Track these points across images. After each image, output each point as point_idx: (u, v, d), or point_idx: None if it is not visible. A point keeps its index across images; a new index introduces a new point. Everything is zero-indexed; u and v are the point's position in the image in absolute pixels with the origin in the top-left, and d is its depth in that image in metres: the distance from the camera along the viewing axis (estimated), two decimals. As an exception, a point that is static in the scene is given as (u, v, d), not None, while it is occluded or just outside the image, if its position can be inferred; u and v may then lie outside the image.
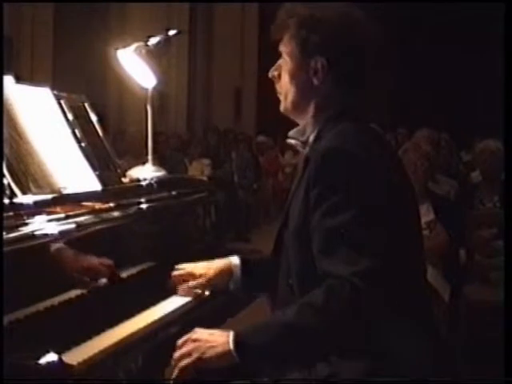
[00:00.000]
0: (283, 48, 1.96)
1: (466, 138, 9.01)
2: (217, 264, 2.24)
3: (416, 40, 14.78)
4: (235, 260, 2.22)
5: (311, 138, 1.92)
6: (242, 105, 14.85)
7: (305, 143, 1.95)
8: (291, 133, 1.99)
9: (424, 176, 4.32)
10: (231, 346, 1.69)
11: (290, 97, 1.94)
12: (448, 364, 1.84)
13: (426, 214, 4.19)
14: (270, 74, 2.01)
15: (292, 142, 1.99)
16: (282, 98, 1.98)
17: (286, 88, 1.95)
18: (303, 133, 1.96)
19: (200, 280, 2.22)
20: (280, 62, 1.98)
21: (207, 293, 2.26)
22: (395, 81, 14.81)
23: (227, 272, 2.20)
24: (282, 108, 1.99)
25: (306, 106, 1.93)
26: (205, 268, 2.24)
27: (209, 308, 2.26)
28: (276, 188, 11.06)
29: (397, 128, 10.57)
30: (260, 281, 2.17)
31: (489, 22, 12.36)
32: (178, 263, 2.29)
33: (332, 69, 1.88)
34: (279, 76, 1.98)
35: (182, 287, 2.24)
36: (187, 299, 2.21)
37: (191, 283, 2.22)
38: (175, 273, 2.27)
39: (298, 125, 1.99)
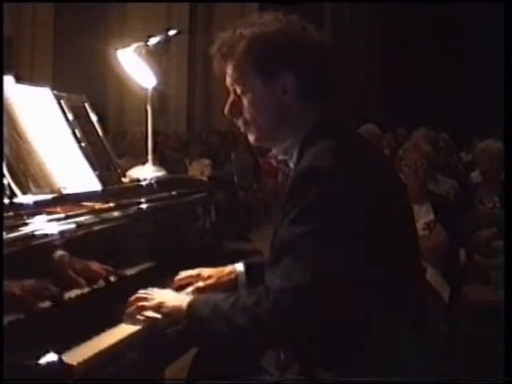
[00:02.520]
0: (233, 81, 1.84)
1: (465, 138, 9.01)
2: (223, 268, 2.25)
3: (416, 40, 14.77)
4: (240, 267, 2.22)
5: (294, 157, 1.84)
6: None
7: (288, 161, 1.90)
8: (274, 152, 1.95)
9: (424, 176, 4.32)
10: (184, 306, 1.84)
11: (264, 126, 1.83)
12: (443, 366, 1.85)
13: (426, 214, 4.19)
14: (226, 114, 1.89)
15: (274, 162, 1.96)
16: (251, 130, 1.86)
17: (254, 120, 1.84)
18: (285, 152, 1.88)
19: (209, 281, 2.21)
20: (232, 98, 1.87)
21: None
22: (395, 81, 14.83)
23: (234, 278, 2.21)
24: (253, 140, 1.88)
25: (282, 129, 1.83)
26: (212, 271, 2.25)
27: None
28: (276, 188, 11.05)
29: (396, 128, 10.56)
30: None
31: (489, 21, 12.36)
32: (177, 263, 2.29)
33: (299, 81, 1.78)
34: (240, 112, 1.86)
35: (190, 289, 2.23)
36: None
37: (201, 283, 2.22)
38: (182, 275, 2.26)
39: None
